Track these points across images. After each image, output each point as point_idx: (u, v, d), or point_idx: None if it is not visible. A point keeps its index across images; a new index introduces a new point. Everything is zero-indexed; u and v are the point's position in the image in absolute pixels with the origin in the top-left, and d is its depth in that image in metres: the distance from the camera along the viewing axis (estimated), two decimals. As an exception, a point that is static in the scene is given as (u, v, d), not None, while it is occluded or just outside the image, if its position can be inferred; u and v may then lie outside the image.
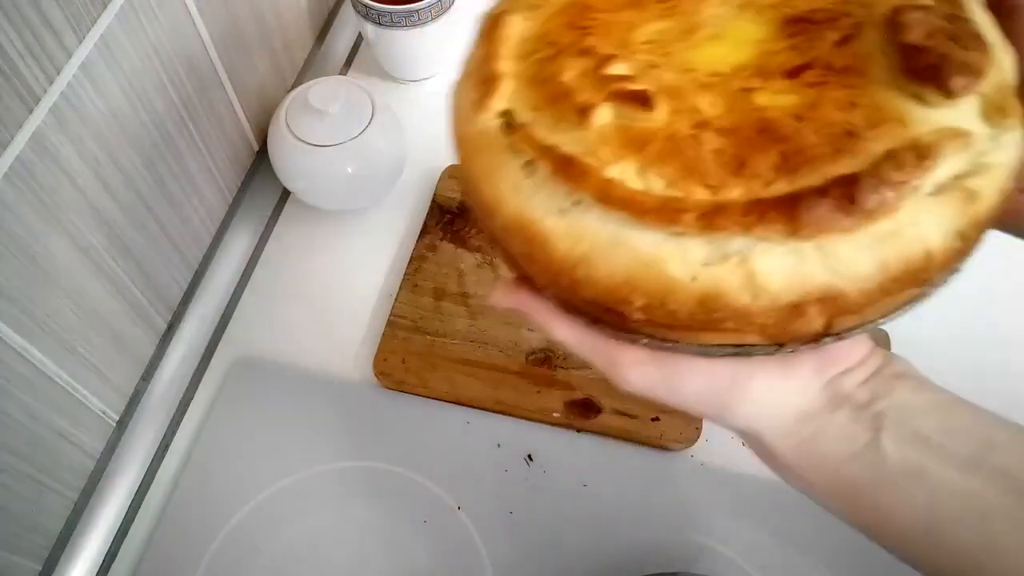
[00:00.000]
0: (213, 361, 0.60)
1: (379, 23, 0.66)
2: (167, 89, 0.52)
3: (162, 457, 0.56)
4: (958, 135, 0.25)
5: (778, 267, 0.24)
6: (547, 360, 0.57)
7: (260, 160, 0.66)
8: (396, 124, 0.62)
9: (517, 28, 0.30)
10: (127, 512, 0.53)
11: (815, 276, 0.25)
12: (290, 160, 0.60)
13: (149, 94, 0.50)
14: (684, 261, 0.25)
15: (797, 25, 0.29)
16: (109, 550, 0.52)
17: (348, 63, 0.76)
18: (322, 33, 0.75)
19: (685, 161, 0.25)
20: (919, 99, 0.25)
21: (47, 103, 0.41)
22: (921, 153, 0.24)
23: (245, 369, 0.59)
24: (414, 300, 0.60)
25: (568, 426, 0.56)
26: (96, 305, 0.49)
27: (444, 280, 0.61)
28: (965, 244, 0.26)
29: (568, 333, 0.31)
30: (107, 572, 0.52)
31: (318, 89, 0.58)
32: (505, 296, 0.32)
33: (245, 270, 0.64)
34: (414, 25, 0.66)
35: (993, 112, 0.26)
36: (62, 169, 0.43)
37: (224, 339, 0.61)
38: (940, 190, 0.25)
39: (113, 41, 0.45)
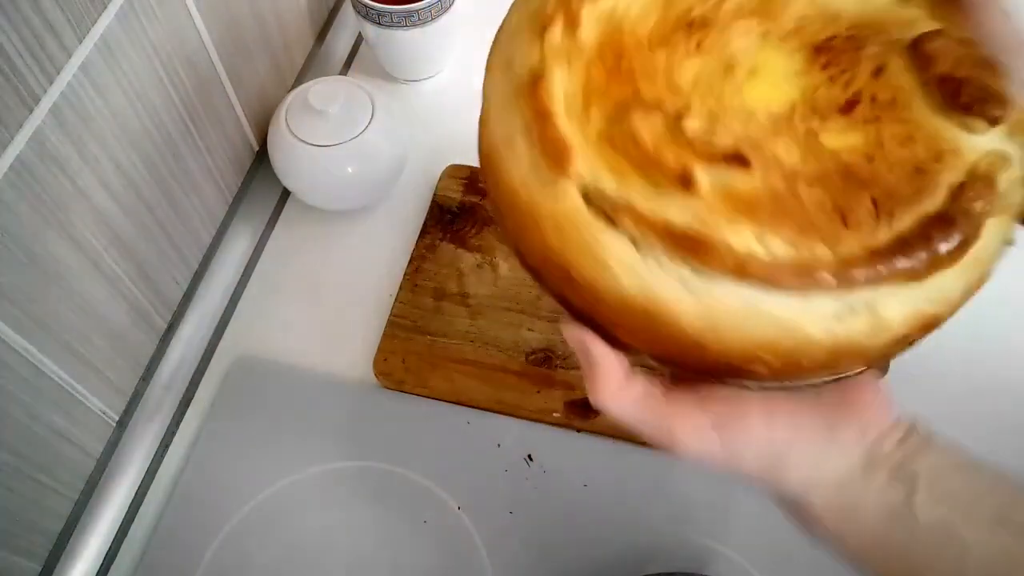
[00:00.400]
0: (213, 361, 0.60)
1: (379, 23, 0.66)
2: (167, 89, 0.52)
3: (162, 457, 0.56)
4: (1001, 157, 0.27)
5: (899, 309, 0.26)
6: (547, 360, 0.57)
7: (260, 160, 0.66)
8: (396, 124, 0.62)
9: (561, 83, 0.29)
10: (127, 512, 0.53)
11: (924, 310, 0.26)
12: (290, 160, 0.60)
13: (149, 94, 0.50)
14: (818, 319, 0.26)
15: (824, 55, 0.29)
16: (109, 550, 0.52)
17: (348, 63, 0.76)
18: (322, 33, 0.75)
19: (796, 219, 0.26)
20: (964, 127, 0.27)
21: (47, 103, 0.41)
22: (986, 181, 0.26)
23: (245, 369, 0.58)
24: (414, 300, 0.60)
25: (568, 426, 0.56)
26: (96, 305, 0.49)
27: (444, 280, 0.61)
28: (1003, 249, 0.28)
29: (624, 406, 0.31)
30: (107, 572, 0.52)
31: (318, 89, 0.58)
32: (575, 341, 0.31)
33: (245, 270, 0.63)
34: (414, 25, 0.66)
35: (1017, 130, 0.28)
36: (62, 169, 0.43)
37: (224, 339, 0.61)
38: (997, 210, 0.27)
39: (113, 41, 0.45)
